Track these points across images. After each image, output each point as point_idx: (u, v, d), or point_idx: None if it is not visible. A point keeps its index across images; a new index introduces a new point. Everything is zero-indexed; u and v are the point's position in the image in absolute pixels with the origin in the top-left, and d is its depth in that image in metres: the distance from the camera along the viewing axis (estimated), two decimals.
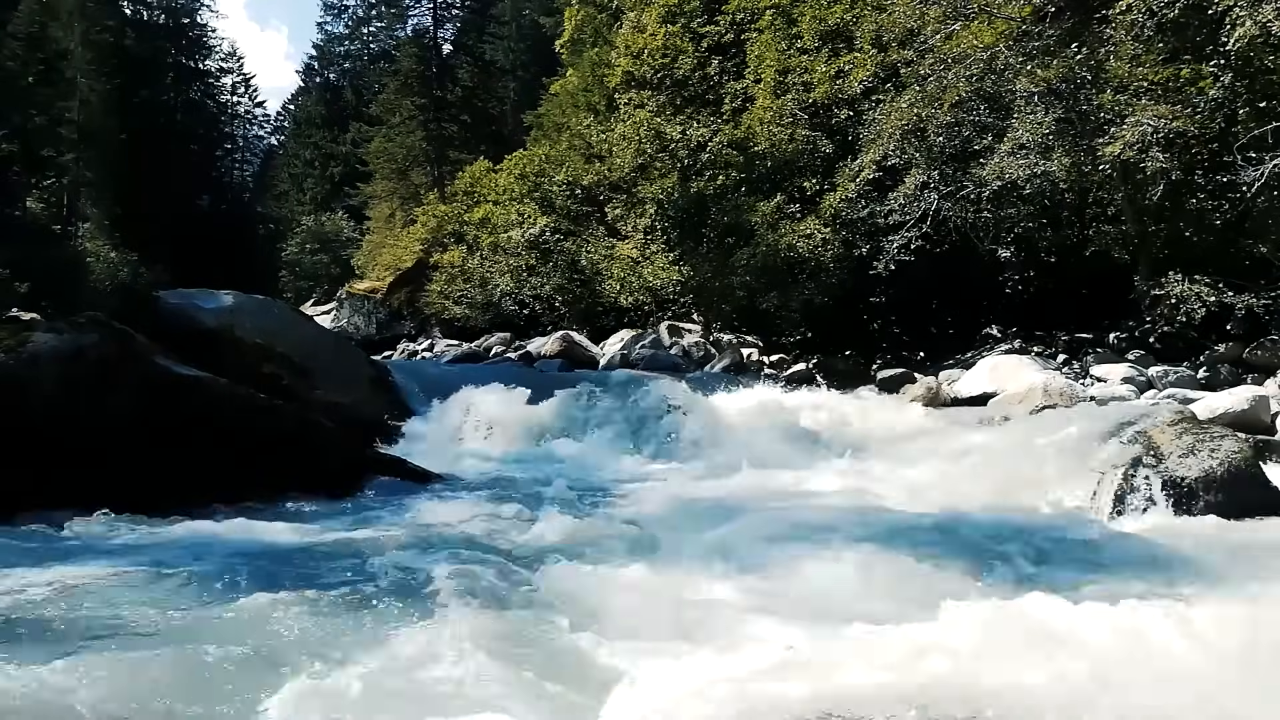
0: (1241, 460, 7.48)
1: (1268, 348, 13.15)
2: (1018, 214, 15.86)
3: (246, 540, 6.46)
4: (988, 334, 16.72)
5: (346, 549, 6.25)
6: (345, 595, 5.15)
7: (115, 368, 7.77)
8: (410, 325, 33.37)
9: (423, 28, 47.64)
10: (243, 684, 3.91)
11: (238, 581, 5.35)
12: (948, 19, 15.50)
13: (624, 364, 18.38)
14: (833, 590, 5.29)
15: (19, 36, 21.06)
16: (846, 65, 18.71)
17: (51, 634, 4.47)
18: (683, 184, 19.33)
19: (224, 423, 8.09)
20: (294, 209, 49.90)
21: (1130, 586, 5.54)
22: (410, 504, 8.07)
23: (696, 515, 7.31)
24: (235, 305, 13.60)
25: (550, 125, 31.75)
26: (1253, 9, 11.73)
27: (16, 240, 14.65)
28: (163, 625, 4.64)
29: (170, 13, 46.49)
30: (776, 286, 18.45)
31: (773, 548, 6.11)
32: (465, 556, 5.95)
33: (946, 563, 5.84)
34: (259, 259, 43.74)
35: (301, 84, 59.01)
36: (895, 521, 7.14)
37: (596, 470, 10.10)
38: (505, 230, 26.17)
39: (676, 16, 24.58)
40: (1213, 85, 13.18)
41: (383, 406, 12.39)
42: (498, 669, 4.05)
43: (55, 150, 23.00)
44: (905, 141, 16.41)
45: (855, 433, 11.40)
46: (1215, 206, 13.89)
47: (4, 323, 8.34)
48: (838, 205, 18.05)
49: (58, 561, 5.76)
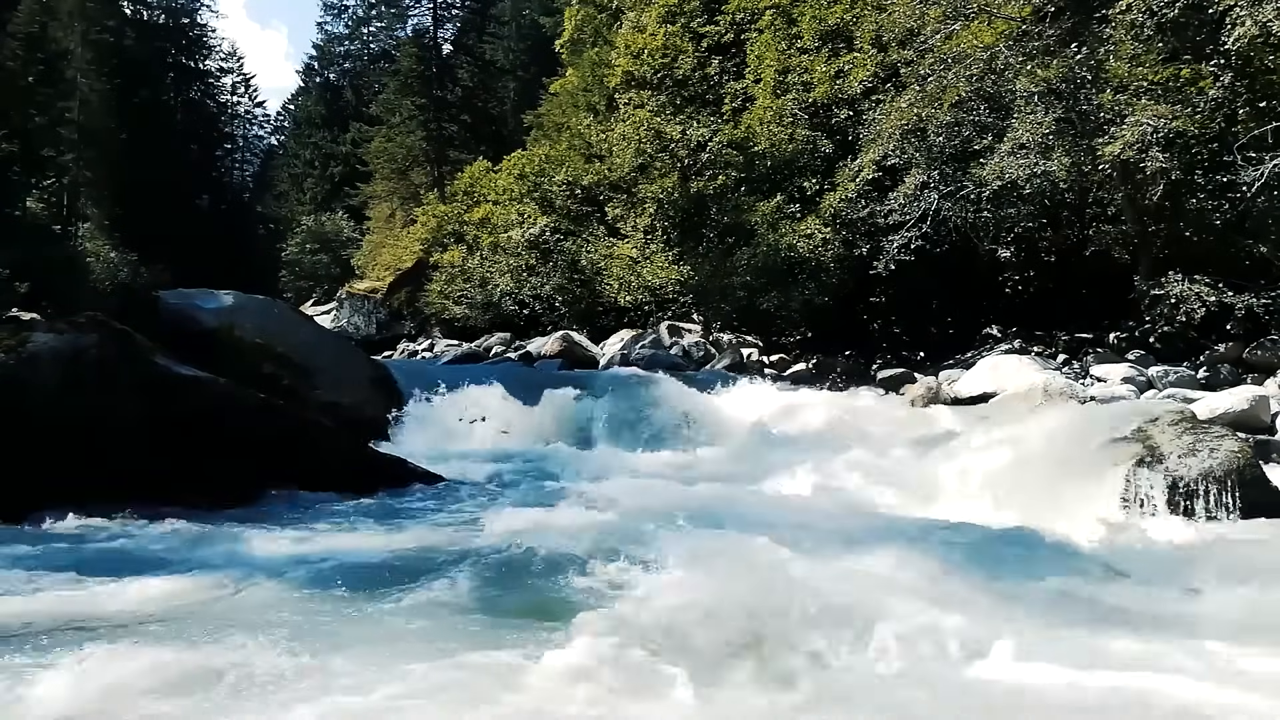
0: (1242, 460, 7.48)
1: (1268, 348, 13.15)
2: (1018, 214, 15.86)
3: (244, 540, 6.45)
4: (988, 334, 16.72)
5: (346, 549, 6.25)
6: (345, 595, 5.15)
7: (115, 368, 7.76)
8: (410, 325, 33.38)
9: (423, 28, 47.75)
10: (242, 684, 3.91)
11: (237, 581, 5.35)
12: (948, 19, 15.51)
13: (624, 364, 18.37)
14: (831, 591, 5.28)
15: (19, 36, 21.06)
16: (846, 65, 18.72)
17: (51, 634, 4.47)
18: (683, 184, 19.34)
19: (224, 423, 8.08)
20: (294, 209, 49.89)
21: (1132, 589, 5.55)
22: (411, 504, 8.07)
23: (696, 515, 7.30)
24: (235, 305, 13.59)
25: (550, 125, 31.76)
26: (1253, 9, 11.74)
27: (16, 240, 14.64)
28: (162, 625, 4.64)
29: (170, 13, 46.56)
30: (776, 286, 18.46)
31: (777, 550, 6.09)
32: (465, 556, 5.94)
33: (947, 564, 5.83)
34: (259, 259, 43.80)
35: (301, 84, 59.01)
36: (895, 522, 7.14)
37: (596, 470, 10.08)
38: (505, 230, 26.19)
39: (676, 16, 24.60)
40: (1213, 85, 13.18)
41: (383, 406, 12.38)
42: (496, 669, 4.05)
43: (55, 150, 22.99)
44: (905, 141, 16.42)
45: (855, 433, 11.39)
46: (1215, 206, 13.89)
47: (4, 323, 8.35)
48: (838, 205, 18.07)
49: (57, 561, 5.76)
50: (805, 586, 4.95)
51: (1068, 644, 4.50)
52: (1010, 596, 5.21)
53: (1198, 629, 4.80)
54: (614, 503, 7.97)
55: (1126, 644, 4.53)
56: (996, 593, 5.26)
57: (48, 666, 3.96)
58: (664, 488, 8.95)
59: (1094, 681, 3.99)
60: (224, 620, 4.72)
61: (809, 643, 4.36)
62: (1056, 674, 4.07)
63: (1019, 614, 4.92)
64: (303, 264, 45.16)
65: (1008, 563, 5.99)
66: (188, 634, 4.50)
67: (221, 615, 4.81)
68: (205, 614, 4.84)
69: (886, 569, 5.67)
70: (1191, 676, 4.11)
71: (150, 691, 3.80)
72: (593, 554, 5.94)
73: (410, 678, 3.97)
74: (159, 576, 5.43)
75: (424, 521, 7.31)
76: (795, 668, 4.15)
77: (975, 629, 4.61)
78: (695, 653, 4.21)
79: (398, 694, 3.80)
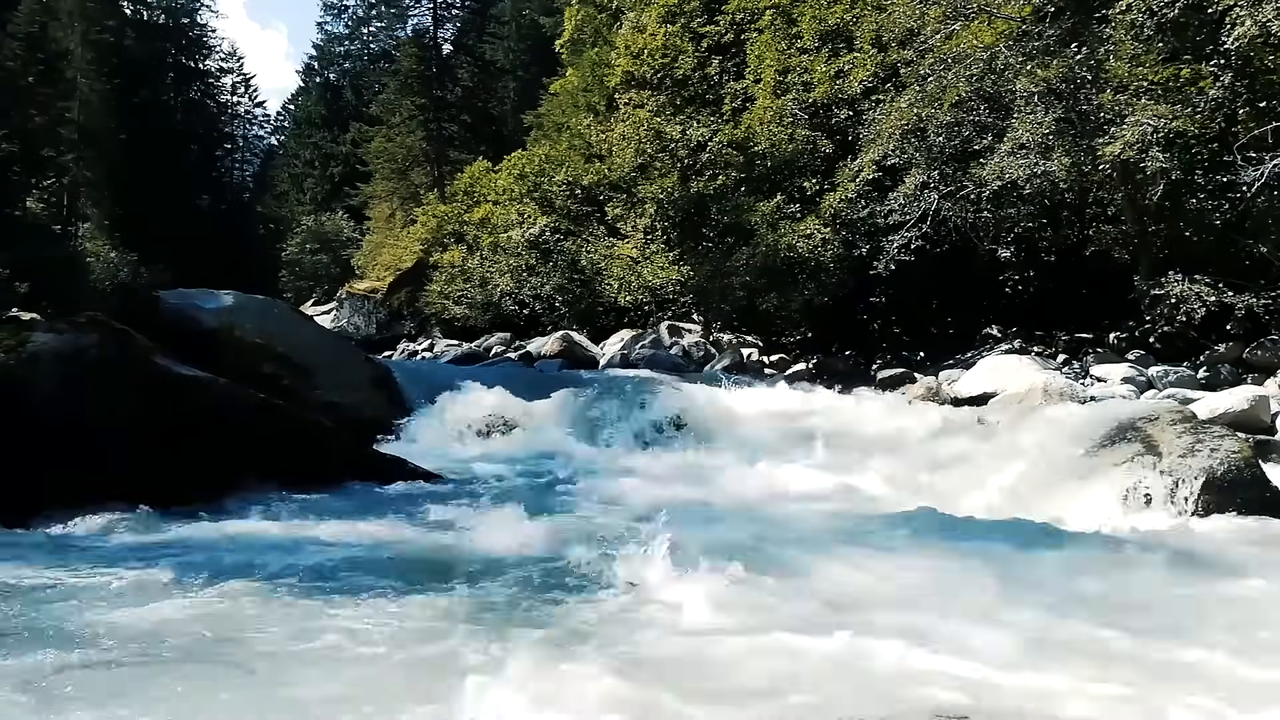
0: (1242, 460, 7.49)
1: (1268, 348, 13.15)
2: (1018, 214, 15.86)
3: (246, 540, 6.46)
4: (988, 334, 16.72)
5: (346, 549, 6.25)
6: (343, 595, 5.15)
7: (115, 368, 7.76)
8: (410, 325, 33.35)
9: (423, 28, 47.69)
10: (241, 682, 3.91)
11: (236, 581, 5.34)
12: (948, 19, 15.50)
13: (624, 364, 18.37)
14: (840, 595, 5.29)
15: (19, 36, 21.07)
16: (846, 65, 18.71)
17: (50, 634, 4.47)
18: (683, 184, 19.33)
19: (224, 423, 8.08)
20: (294, 209, 49.88)
21: (1132, 588, 5.56)
22: (410, 504, 8.07)
23: (694, 515, 7.31)
24: (235, 305, 13.59)
25: (550, 125, 31.74)
26: (1253, 9, 11.74)
27: (16, 240, 14.63)
28: (162, 625, 4.64)
29: (170, 13, 46.55)
30: (776, 286, 18.45)
31: (777, 551, 6.10)
32: (464, 556, 5.95)
33: (948, 566, 5.83)
34: (259, 259, 43.78)
35: (301, 84, 59.00)
36: (895, 522, 7.14)
37: (596, 469, 10.09)
38: (505, 230, 26.16)
39: (676, 16, 24.58)
40: (1213, 85, 13.17)
41: (383, 406, 12.39)
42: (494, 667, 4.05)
43: (55, 150, 22.98)
44: (905, 141, 16.41)
45: (855, 433, 11.39)
46: (1215, 206, 13.89)
47: (4, 323, 8.34)
48: (838, 205, 18.06)
49: (57, 561, 5.76)
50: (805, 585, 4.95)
51: (1067, 643, 4.50)
52: (1009, 595, 5.21)
53: (1198, 628, 4.80)
54: (613, 503, 7.98)
55: (1127, 643, 4.54)
56: (995, 591, 5.26)
57: (40, 666, 3.96)
58: (664, 488, 8.96)
59: (1093, 680, 3.99)
60: (223, 620, 4.73)
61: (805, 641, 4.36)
62: (1056, 674, 4.07)
63: (1018, 613, 4.92)
64: (303, 264, 45.15)
65: (1007, 562, 5.99)
66: (185, 633, 4.51)
67: (220, 615, 4.81)
68: (204, 613, 4.84)
69: (887, 568, 5.67)
70: (1192, 676, 4.12)
71: (148, 690, 3.81)
72: (592, 554, 5.95)
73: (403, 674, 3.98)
74: (159, 576, 5.43)
75: (423, 521, 7.31)
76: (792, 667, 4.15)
77: (975, 628, 4.61)
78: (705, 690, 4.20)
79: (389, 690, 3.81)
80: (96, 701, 3.69)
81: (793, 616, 4.79)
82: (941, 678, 3.99)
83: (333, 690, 3.87)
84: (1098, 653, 4.38)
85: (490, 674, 3.88)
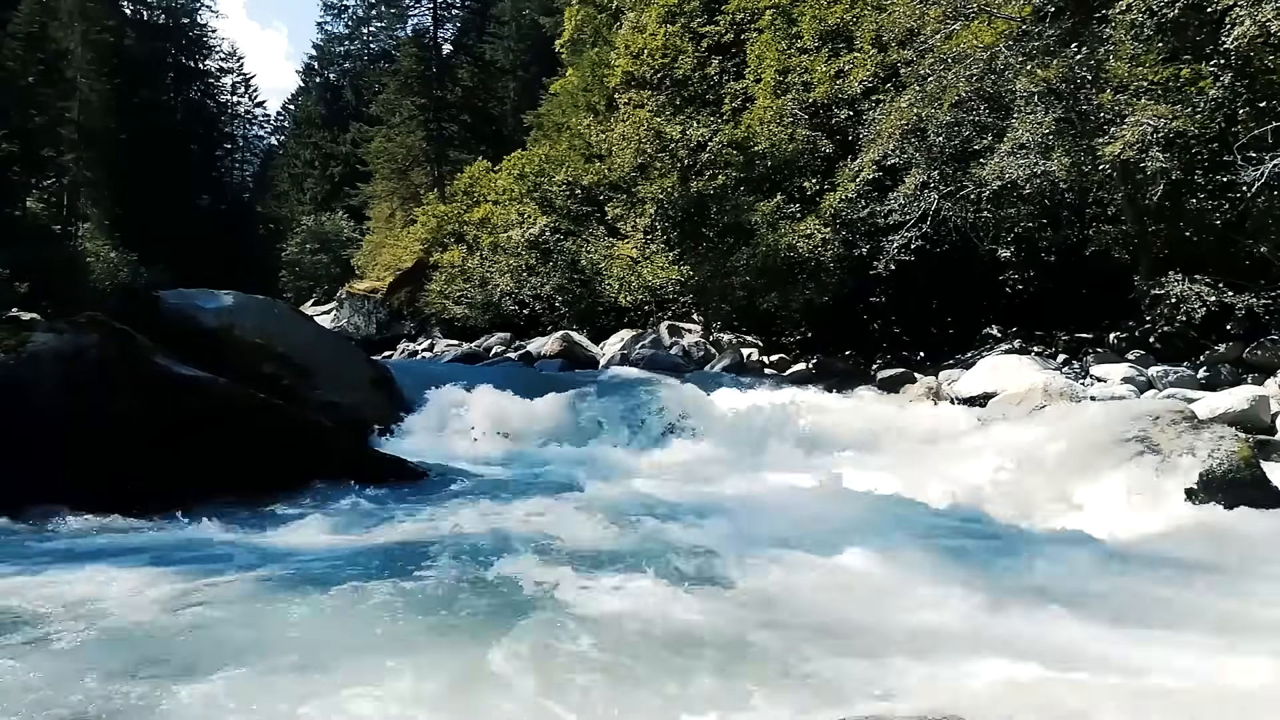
0: (1242, 460, 7.50)
1: (1268, 348, 13.16)
2: (1018, 214, 15.87)
3: (246, 540, 6.46)
4: (988, 334, 16.73)
5: (345, 548, 6.25)
6: (342, 594, 5.14)
7: (115, 368, 7.76)
8: (410, 325, 33.38)
9: (423, 28, 47.76)
10: (240, 682, 3.91)
11: (235, 581, 5.35)
12: (948, 19, 15.51)
13: (624, 364, 18.37)
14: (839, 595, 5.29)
15: (19, 36, 21.08)
16: (846, 65, 18.72)
17: (49, 633, 4.47)
18: (683, 184, 19.33)
19: (224, 423, 8.08)
20: (294, 209, 49.93)
21: (1133, 588, 5.56)
22: (410, 503, 8.06)
23: (692, 515, 7.30)
24: (235, 305, 13.56)
25: (550, 125, 31.76)
26: (1253, 9, 11.74)
27: (16, 240, 14.65)
28: (161, 624, 4.64)
29: (170, 13, 46.62)
30: (776, 286, 18.46)
31: (778, 551, 6.10)
32: (463, 556, 5.94)
33: (949, 565, 5.83)
34: (259, 259, 43.84)
35: (301, 84, 59.13)
36: (895, 521, 7.14)
37: (596, 470, 10.08)
38: (505, 230, 26.18)
39: (676, 16, 24.60)
40: (1213, 85, 13.18)
41: (383, 406, 12.37)
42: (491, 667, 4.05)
43: (55, 150, 23.03)
44: (905, 141, 16.42)
45: (855, 433, 11.40)
46: (1215, 206, 13.89)
47: (4, 323, 8.35)
48: (838, 205, 18.07)
49: (57, 561, 5.76)
50: (802, 587, 4.95)
51: (1067, 643, 4.50)
52: (1009, 595, 5.21)
53: (1198, 628, 4.81)
54: (613, 503, 7.97)
55: (1126, 643, 4.54)
56: (996, 590, 5.26)
57: (38, 666, 3.96)
58: (663, 487, 8.95)
59: (1093, 679, 4.00)
60: (222, 619, 4.73)
61: (806, 647, 4.36)
62: (1055, 673, 4.07)
63: (1019, 612, 4.93)
64: (303, 264, 45.20)
65: (1007, 561, 6.00)
66: (185, 633, 4.51)
67: (220, 615, 4.81)
68: (204, 613, 4.84)
69: (886, 568, 5.67)
70: (1191, 675, 4.12)
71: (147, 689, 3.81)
72: (591, 554, 5.95)
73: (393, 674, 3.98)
74: (159, 576, 5.43)
75: (422, 520, 7.30)
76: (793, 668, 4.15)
77: (974, 627, 4.62)
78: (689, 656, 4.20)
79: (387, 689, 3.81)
80: (91, 699, 3.69)
81: (801, 621, 4.79)
82: (941, 677, 3.99)
83: (331, 689, 3.87)
84: (1098, 652, 4.38)
85: (484, 674, 3.88)
